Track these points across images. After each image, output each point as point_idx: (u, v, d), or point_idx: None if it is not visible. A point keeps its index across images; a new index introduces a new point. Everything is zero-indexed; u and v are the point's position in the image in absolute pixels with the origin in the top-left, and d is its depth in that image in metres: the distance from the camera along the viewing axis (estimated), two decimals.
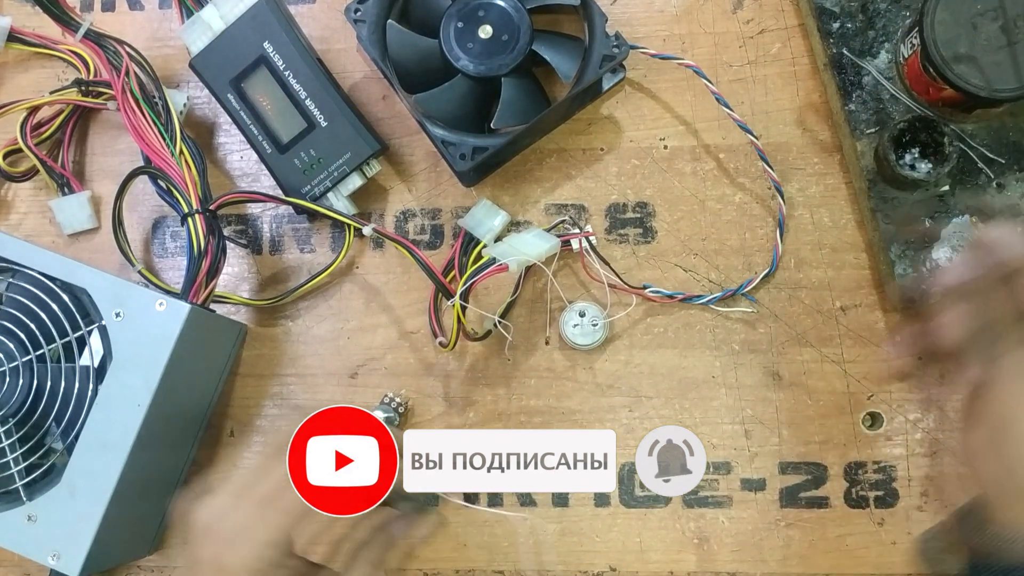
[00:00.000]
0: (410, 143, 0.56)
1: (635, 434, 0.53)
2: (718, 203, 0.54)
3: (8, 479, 0.47)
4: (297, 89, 0.52)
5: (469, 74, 0.51)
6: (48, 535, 0.46)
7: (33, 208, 0.59)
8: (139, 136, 0.52)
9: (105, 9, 0.60)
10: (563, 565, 0.52)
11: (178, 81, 0.58)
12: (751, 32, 0.55)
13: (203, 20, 0.53)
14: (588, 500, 0.53)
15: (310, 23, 0.57)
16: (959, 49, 0.46)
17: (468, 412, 0.54)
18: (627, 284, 0.52)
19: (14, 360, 0.48)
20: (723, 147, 0.54)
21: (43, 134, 0.56)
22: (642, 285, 0.53)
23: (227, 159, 0.58)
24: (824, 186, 0.53)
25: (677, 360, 0.53)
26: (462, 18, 0.51)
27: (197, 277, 0.49)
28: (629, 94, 0.55)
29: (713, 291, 0.53)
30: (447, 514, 0.53)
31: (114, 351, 0.47)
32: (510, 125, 0.51)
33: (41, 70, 0.59)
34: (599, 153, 0.55)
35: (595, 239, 0.53)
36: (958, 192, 0.49)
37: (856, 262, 0.53)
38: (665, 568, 0.52)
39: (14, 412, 0.47)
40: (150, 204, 0.57)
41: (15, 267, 0.49)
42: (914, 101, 0.50)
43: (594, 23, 0.51)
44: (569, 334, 0.52)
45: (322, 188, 0.53)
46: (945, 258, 0.49)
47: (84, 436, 0.46)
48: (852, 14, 0.51)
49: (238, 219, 0.57)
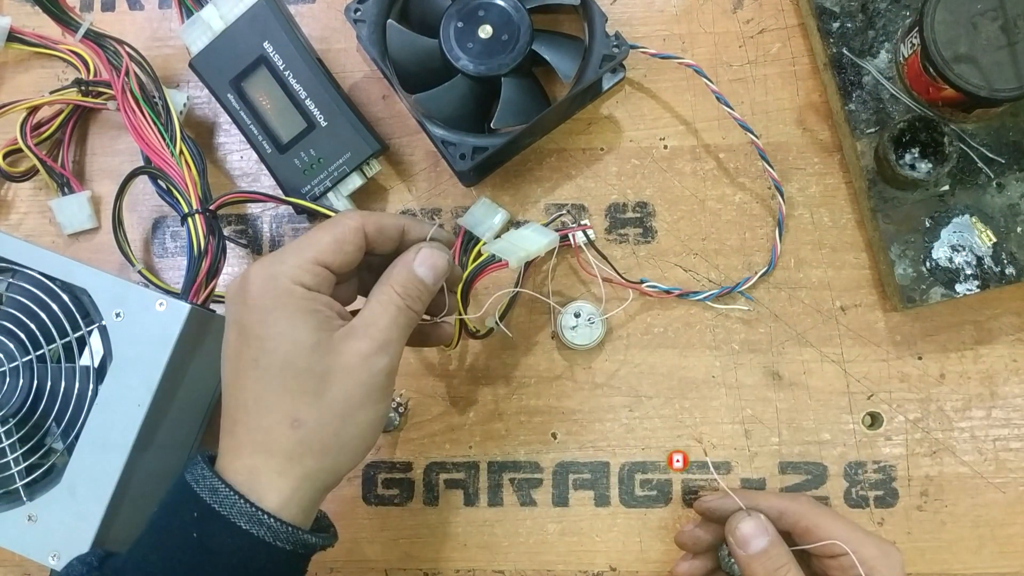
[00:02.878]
0: (410, 143, 0.56)
1: (635, 434, 0.53)
2: (718, 203, 0.54)
3: (8, 479, 0.47)
4: (297, 89, 0.52)
5: (469, 74, 0.51)
6: (48, 535, 0.46)
7: (33, 208, 0.59)
8: (139, 136, 0.52)
9: (105, 9, 0.60)
10: (563, 565, 0.52)
11: (178, 81, 0.58)
12: (751, 32, 0.55)
13: (203, 20, 0.53)
14: (588, 500, 0.53)
15: (310, 23, 0.57)
16: (959, 49, 0.46)
17: (468, 412, 0.54)
18: (624, 278, 0.52)
19: (14, 360, 0.48)
20: (723, 147, 0.54)
21: (43, 134, 0.56)
22: (639, 280, 0.53)
23: (227, 159, 0.58)
24: (824, 186, 0.53)
25: (677, 360, 0.53)
26: (462, 18, 0.51)
27: (197, 277, 0.49)
28: (629, 94, 0.55)
29: (711, 290, 0.53)
30: (447, 515, 0.53)
31: (114, 351, 0.47)
32: (510, 125, 0.51)
33: (41, 70, 0.59)
34: (599, 153, 0.55)
35: (593, 232, 0.53)
36: (958, 192, 0.49)
37: (856, 262, 0.53)
38: (665, 568, 0.52)
39: (14, 412, 0.47)
40: (150, 204, 0.57)
41: (15, 267, 0.49)
42: (914, 101, 0.50)
43: (594, 23, 0.51)
44: (568, 336, 0.52)
45: (322, 188, 0.53)
46: (945, 258, 0.49)
47: (84, 436, 0.46)
48: (852, 14, 0.51)
49: (238, 219, 0.57)
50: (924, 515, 0.51)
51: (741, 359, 0.53)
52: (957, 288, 0.49)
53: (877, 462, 0.52)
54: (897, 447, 0.52)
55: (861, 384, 0.52)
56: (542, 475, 0.53)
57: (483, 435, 0.54)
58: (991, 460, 0.51)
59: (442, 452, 0.54)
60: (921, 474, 0.51)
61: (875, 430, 0.52)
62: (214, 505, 0.37)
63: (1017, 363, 0.52)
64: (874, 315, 0.52)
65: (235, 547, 0.36)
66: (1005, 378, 0.52)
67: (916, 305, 0.49)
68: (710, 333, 0.53)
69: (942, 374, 0.52)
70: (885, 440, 0.52)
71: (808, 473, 0.52)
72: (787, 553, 0.44)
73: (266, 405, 0.38)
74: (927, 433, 0.52)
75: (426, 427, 0.54)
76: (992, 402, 0.51)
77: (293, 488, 0.38)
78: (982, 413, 0.52)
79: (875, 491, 0.51)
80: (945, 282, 0.49)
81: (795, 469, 0.52)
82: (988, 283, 0.49)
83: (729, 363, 0.53)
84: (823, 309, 0.53)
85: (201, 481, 0.37)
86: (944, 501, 0.51)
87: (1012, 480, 0.51)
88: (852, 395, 0.52)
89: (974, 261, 0.49)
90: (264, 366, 0.38)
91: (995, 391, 0.52)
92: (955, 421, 0.52)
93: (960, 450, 0.51)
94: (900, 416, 0.52)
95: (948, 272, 0.49)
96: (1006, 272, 0.49)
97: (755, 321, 0.53)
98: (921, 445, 0.52)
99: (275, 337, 0.38)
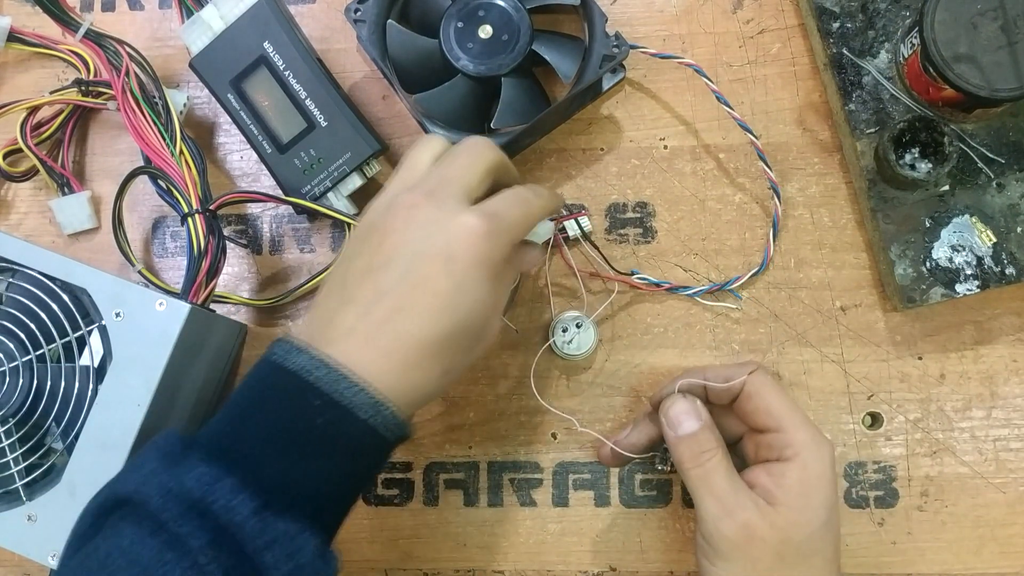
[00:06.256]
0: (410, 143, 0.56)
1: None
2: (718, 203, 0.54)
3: (8, 479, 0.47)
4: (297, 89, 0.52)
5: (469, 74, 0.51)
6: (48, 535, 0.46)
7: (33, 208, 0.59)
8: (139, 136, 0.52)
9: (105, 9, 0.60)
10: (563, 565, 0.52)
11: (178, 81, 0.58)
12: (751, 32, 0.55)
13: (203, 20, 0.53)
14: (588, 500, 0.53)
15: (310, 23, 0.57)
16: (959, 49, 0.46)
17: (468, 412, 0.54)
18: (613, 269, 0.52)
19: (14, 360, 0.48)
20: (723, 147, 0.54)
21: (43, 134, 0.56)
22: (630, 271, 0.53)
23: (227, 159, 0.58)
24: (824, 186, 0.53)
25: (677, 360, 0.53)
26: (462, 18, 0.51)
27: (197, 277, 0.49)
28: (629, 94, 0.55)
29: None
30: (447, 515, 0.53)
31: (114, 351, 0.47)
32: (510, 125, 0.51)
33: (41, 70, 0.59)
34: (599, 153, 0.55)
35: (587, 220, 0.53)
36: (958, 192, 0.49)
37: (856, 262, 0.53)
38: (665, 568, 0.52)
39: (14, 412, 0.47)
40: (150, 204, 0.57)
41: (15, 267, 0.49)
42: (914, 101, 0.50)
43: (594, 23, 0.51)
44: (569, 351, 0.52)
45: (322, 188, 0.53)
46: (945, 258, 0.49)
47: (84, 436, 0.46)
48: (852, 14, 0.51)
49: (238, 219, 0.57)
50: (924, 515, 0.51)
51: (741, 359, 0.53)
52: (957, 288, 0.49)
53: (877, 462, 0.52)
54: (897, 447, 0.52)
55: (861, 384, 0.52)
56: (542, 475, 0.53)
57: (483, 435, 0.54)
58: (991, 460, 0.51)
59: (442, 452, 0.54)
60: (921, 474, 0.51)
61: (875, 430, 0.52)
62: (334, 395, 0.37)
63: (1017, 363, 0.52)
64: (874, 315, 0.52)
65: (352, 434, 0.38)
66: (1005, 378, 0.52)
67: (916, 305, 0.49)
68: (710, 333, 0.53)
69: (942, 374, 0.52)
70: (885, 440, 0.52)
71: None
72: (716, 439, 0.44)
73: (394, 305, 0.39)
74: (927, 433, 0.52)
75: (426, 427, 0.54)
76: (992, 402, 0.51)
77: (403, 369, 0.38)
78: (982, 413, 0.51)
79: (875, 491, 0.51)
80: (945, 282, 0.49)
81: None
82: (988, 283, 0.49)
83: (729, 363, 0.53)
84: (823, 309, 0.53)
85: (315, 371, 0.38)
86: (944, 501, 0.51)
87: (1012, 480, 0.51)
88: (852, 395, 0.52)
89: (974, 261, 0.49)
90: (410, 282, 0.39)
91: (995, 391, 0.52)
92: (955, 421, 0.52)
93: (960, 450, 0.51)
94: (900, 416, 0.52)
95: (948, 272, 0.49)
96: (1006, 272, 0.49)
97: (755, 321, 0.53)
98: (921, 445, 0.51)
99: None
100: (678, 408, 0.45)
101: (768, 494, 0.42)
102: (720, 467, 0.43)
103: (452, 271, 0.38)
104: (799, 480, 0.42)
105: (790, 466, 0.42)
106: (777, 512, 0.41)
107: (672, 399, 0.46)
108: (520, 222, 0.41)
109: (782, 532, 0.41)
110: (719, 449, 0.43)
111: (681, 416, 0.45)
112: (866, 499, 0.51)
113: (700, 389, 0.46)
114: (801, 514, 0.41)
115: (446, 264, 0.38)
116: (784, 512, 0.41)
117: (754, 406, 0.44)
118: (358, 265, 0.40)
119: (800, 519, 0.41)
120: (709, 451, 0.43)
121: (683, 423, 0.44)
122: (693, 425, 0.44)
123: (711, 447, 0.43)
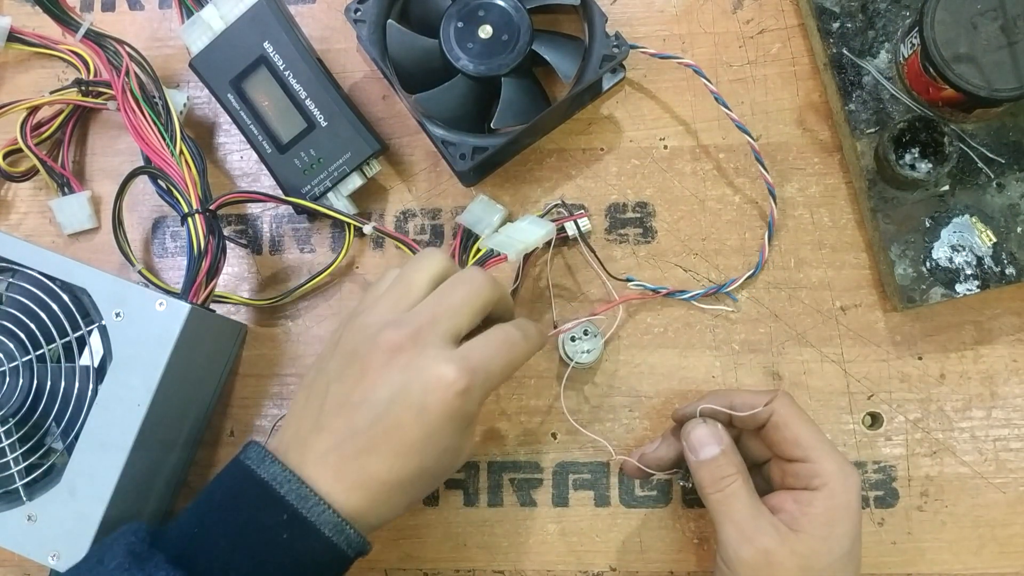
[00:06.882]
0: (410, 143, 0.56)
1: (635, 434, 0.53)
2: (718, 203, 0.54)
3: (8, 479, 0.47)
4: (297, 89, 0.52)
5: (469, 74, 0.51)
6: (48, 535, 0.46)
7: (33, 208, 0.59)
8: (139, 136, 0.52)
9: (105, 9, 0.60)
10: (563, 565, 0.52)
11: (178, 81, 0.58)
12: (751, 32, 0.55)
13: (203, 20, 0.53)
14: (588, 500, 0.53)
15: (310, 23, 0.57)
16: (959, 49, 0.46)
17: None
18: (610, 274, 0.52)
19: (14, 360, 0.48)
20: (723, 147, 0.54)
21: (43, 134, 0.56)
22: (625, 277, 0.53)
23: (227, 159, 0.58)
24: (824, 186, 0.53)
25: (677, 360, 0.53)
26: (462, 18, 0.51)
27: (197, 277, 0.49)
28: (629, 94, 0.55)
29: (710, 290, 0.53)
30: (447, 514, 0.53)
31: (114, 351, 0.47)
32: (510, 125, 0.51)
33: (41, 70, 0.59)
34: (599, 153, 0.55)
35: (587, 221, 0.53)
36: (958, 192, 0.49)
37: (856, 262, 0.53)
38: (665, 568, 0.52)
39: (14, 412, 0.47)
40: (150, 204, 0.57)
41: (15, 267, 0.49)
42: (914, 101, 0.50)
43: (594, 23, 0.51)
44: (580, 360, 0.52)
45: (322, 188, 0.53)
46: (945, 258, 0.49)
47: (84, 436, 0.46)
48: (852, 14, 0.51)
49: (238, 219, 0.57)
50: (924, 515, 0.51)
51: (741, 359, 0.53)
52: (957, 288, 0.49)
53: (877, 462, 0.52)
54: (897, 447, 0.52)
55: (861, 384, 0.52)
56: (542, 475, 0.53)
57: (483, 435, 0.54)
58: (991, 460, 0.51)
59: None
60: (921, 474, 0.51)
61: (875, 430, 0.52)
62: (302, 511, 0.38)
63: (1017, 363, 0.52)
64: (874, 315, 0.52)
65: (316, 549, 0.39)
66: (1005, 378, 0.52)
67: (916, 305, 0.49)
68: (710, 333, 0.53)
69: (942, 374, 0.52)
70: (885, 440, 0.52)
71: None
72: (737, 464, 0.44)
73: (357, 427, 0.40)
74: (927, 433, 0.52)
75: None
76: (992, 402, 0.51)
77: (369, 503, 0.40)
78: (982, 413, 0.51)
79: (875, 491, 0.51)
80: (945, 282, 0.49)
81: None
82: (988, 283, 0.49)
83: (729, 363, 0.53)
84: (823, 309, 0.53)
85: (286, 484, 0.39)
86: (944, 501, 0.51)
87: (1012, 480, 0.51)
88: (852, 395, 0.52)
89: (974, 261, 0.49)
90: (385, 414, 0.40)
91: (995, 391, 0.52)
92: (955, 421, 0.52)
93: (960, 450, 0.51)
94: (900, 416, 0.52)
95: (948, 272, 0.49)
96: (1006, 272, 0.49)
97: (755, 321, 0.53)
98: (921, 445, 0.51)
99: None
100: (699, 432, 0.45)
101: (793, 520, 0.42)
102: (740, 492, 0.43)
103: (424, 422, 0.39)
104: (825, 509, 0.42)
105: (817, 495, 0.42)
106: (799, 539, 0.41)
107: (694, 423, 0.46)
108: (500, 373, 0.42)
109: (803, 559, 0.41)
110: (740, 475, 0.44)
111: (702, 440, 0.45)
112: (866, 499, 0.51)
113: (724, 414, 0.46)
114: (824, 543, 0.42)
115: (419, 415, 0.39)
116: (807, 540, 0.41)
117: (781, 436, 0.44)
118: (335, 392, 0.41)
119: (822, 548, 0.42)
120: (729, 476, 0.43)
121: (704, 448, 0.45)
122: (714, 450, 0.44)
123: (731, 472, 0.44)
